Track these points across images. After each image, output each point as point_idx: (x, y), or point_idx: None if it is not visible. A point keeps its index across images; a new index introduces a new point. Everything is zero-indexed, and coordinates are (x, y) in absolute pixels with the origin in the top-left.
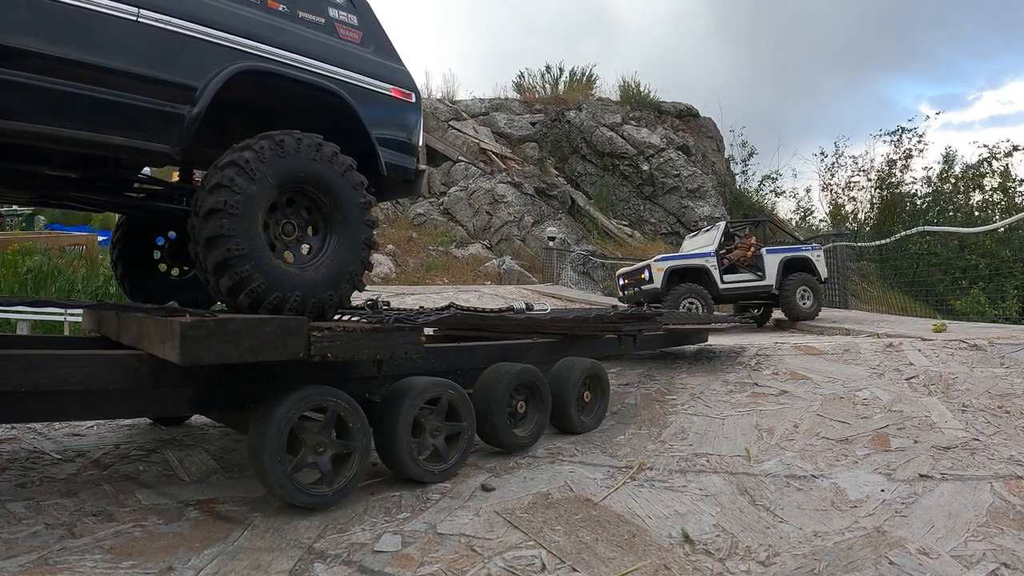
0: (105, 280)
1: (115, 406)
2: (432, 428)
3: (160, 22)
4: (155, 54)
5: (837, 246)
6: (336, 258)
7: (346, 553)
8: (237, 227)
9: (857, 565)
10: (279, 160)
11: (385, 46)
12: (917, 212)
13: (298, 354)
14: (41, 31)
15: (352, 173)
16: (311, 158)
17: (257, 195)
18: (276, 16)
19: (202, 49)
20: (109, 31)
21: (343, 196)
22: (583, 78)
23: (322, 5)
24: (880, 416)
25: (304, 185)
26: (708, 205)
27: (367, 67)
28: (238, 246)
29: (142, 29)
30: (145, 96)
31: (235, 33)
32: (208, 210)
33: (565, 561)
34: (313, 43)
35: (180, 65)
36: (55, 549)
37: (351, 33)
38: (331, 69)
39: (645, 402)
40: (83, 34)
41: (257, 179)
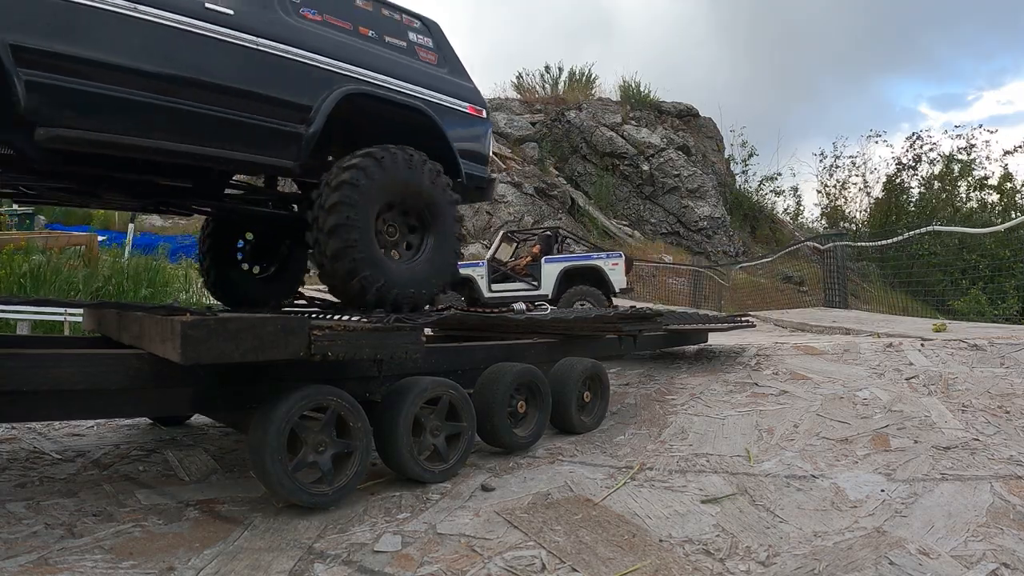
0: (105, 280)
1: (116, 406)
2: (433, 428)
3: (283, 51)
4: (281, 80)
5: (837, 246)
6: (431, 257)
7: (346, 553)
8: (356, 220)
9: (857, 565)
10: (392, 168)
11: (457, 66)
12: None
13: (299, 353)
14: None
15: (446, 183)
16: (417, 170)
17: (373, 196)
18: (368, 41)
19: (316, 74)
20: (245, 60)
21: (438, 204)
22: (583, 78)
23: (403, 30)
24: (880, 416)
25: (407, 192)
26: (708, 205)
27: (446, 87)
28: (355, 237)
29: (269, 58)
30: (274, 118)
31: (339, 59)
32: (333, 203)
33: (565, 561)
34: (400, 65)
35: (300, 89)
36: (55, 549)
37: (429, 55)
38: (417, 89)
39: (645, 402)
40: (223, 61)
41: (375, 181)
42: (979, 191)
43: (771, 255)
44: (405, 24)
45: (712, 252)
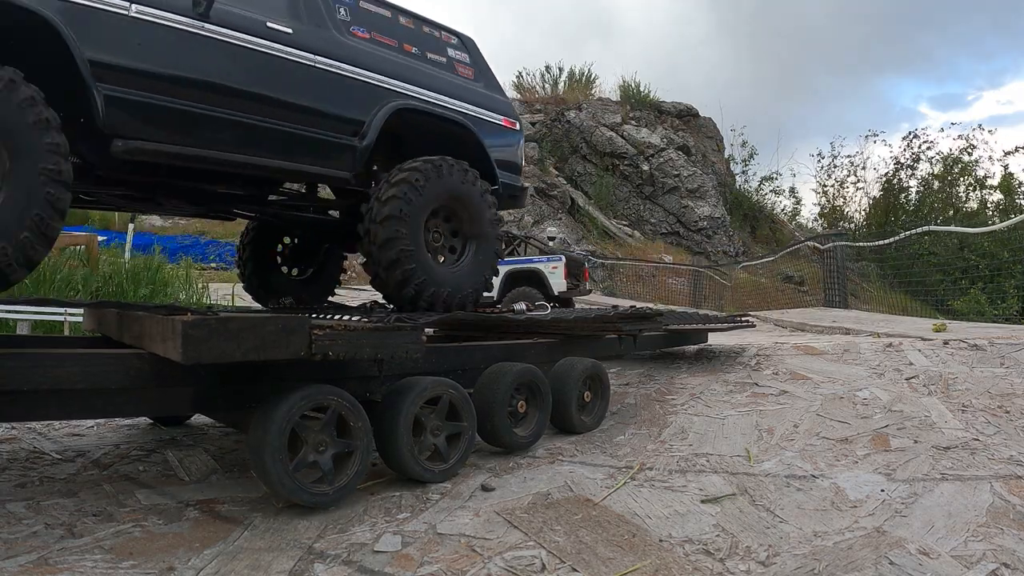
0: (105, 280)
1: (116, 405)
2: (433, 428)
3: (337, 68)
4: (337, 96)
5: (837, 246)
6: (474, 261)
7: (346, 553)
8: (407, 231)
9: (857, 565)
10: (438, 179)
11: (492, 80)
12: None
13: (299, 353)
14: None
15: (487, 192)
16: (460, 179)
17: (422, 206)
18: (412, 58)
19: (368, 90)
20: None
21: (480, 211)
22: (583, 78)
23: (442, 46)
24: (880, 416)
25: (452, 201)
26: (708, 205)
27: (483, 101)
28: (408, 247)
29: (326, 75)
30: (331, 132)
31: (388, 75)
32: (385, 216)
33: (565, 561)
34: (442, 81)
35: (354, 105)
36: (55, 549)
37: (467, 70)
38: (458, 103)
39: (645, 402)
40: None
41: (423, 193)
42: (979, 191)
43: (772, 255)
44: (444, 40)
45: (712, 252)
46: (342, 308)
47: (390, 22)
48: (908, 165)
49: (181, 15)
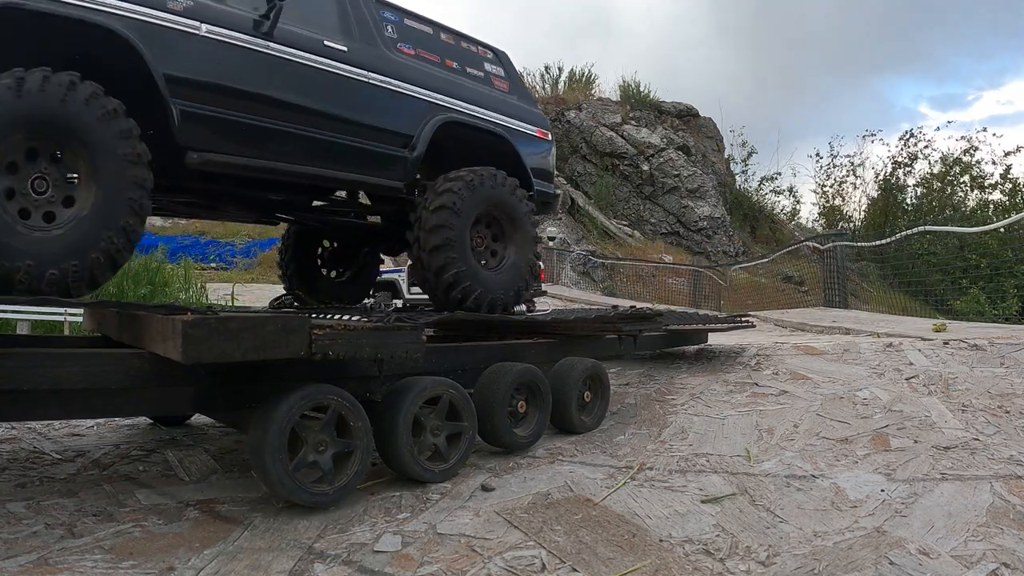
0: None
1: (116, 405)
2: (433, 427)
3: (389, 83)
4: (389, 110)
5: (837, 246)
6: (514, 264)
7: (346, 553)
8: (455, 239)
9: (857, 565)
10: (481, 188)
11: (525, 93)
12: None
13: (299, 352)
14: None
15: (527, 199)
16: (502, 188)
17: (467, 214)
18: (454, 73)
19: (418, 105)
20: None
21: (520, 217)
22: (583, 78)
23: (479, 61)
24: (880, 416)
25: (495, 208)
26: (708, 205)
27: (519, 113)
28: (455, 253)
29: (379, 90)
30: (385, 144)
31: (434, 90)
32: (433, 226)
33: (565, 561)
34: (482, 95)
35: (405, 118)
36: (55, 549)
37: (502, 84)
38: (497, 116)
39: (645, 402)
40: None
41: (467, 202)
42: (980, 191)
43: (769, 255)
44: (480, 55)
45: (712, 252)
46: (342, 308)
47: (432, 38)
48: (905, 164)
49: (247, 34)
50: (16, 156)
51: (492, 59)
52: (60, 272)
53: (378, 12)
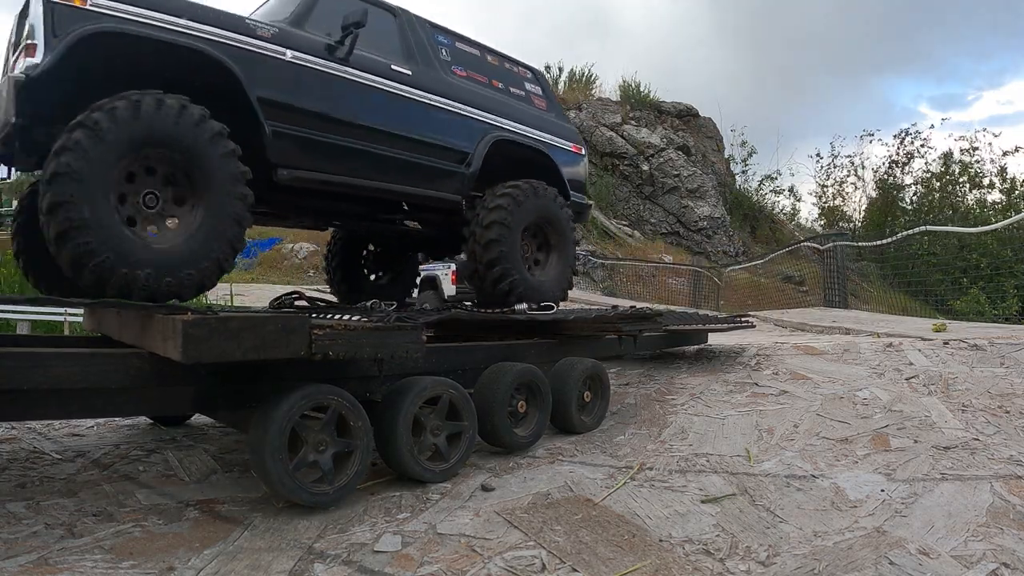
0: None
1: (116, 405)
2: (433, 427)
3: (447, 104)
4: (449, 129)
5: (837, 246)
6: (558, 269)
7: (346, 553)
8: (508, 249)
9: (857, 565)
10: (533, 199)
11: (560, 110)
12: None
13: (299, 352)
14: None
15: (564, 206)
16: (548, 200)
17: (519, 222)
18: (501, 93)
19: (473, 124)
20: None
21: (564, 226)
22: (583, 78)
23: (520, 81)
24: (880, 416)
25: (541, 218)
26: (708, 205)
27: (556, 130)
28: (509, 263)
29: (440, 112)
30: (445, 160)
31: (485, 110)
32: (489, 240)
33: (565, 561)
34: (526, 113)
35: (462, 137)
36: (55, 549)
37: (541, 102)
38: (539, 133)
39: (645, 402)
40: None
41: (520, 211)
42: (978, 190)
43: (765, 256)
44: (521, 75)
45: (712, 252)
46: (343, 308)
47: (480, 60)
48: (902, 163)
49: (326, 59)
50: (134, 172)
51: (531, 78)
52: (176, 280)
53: (433, 36)
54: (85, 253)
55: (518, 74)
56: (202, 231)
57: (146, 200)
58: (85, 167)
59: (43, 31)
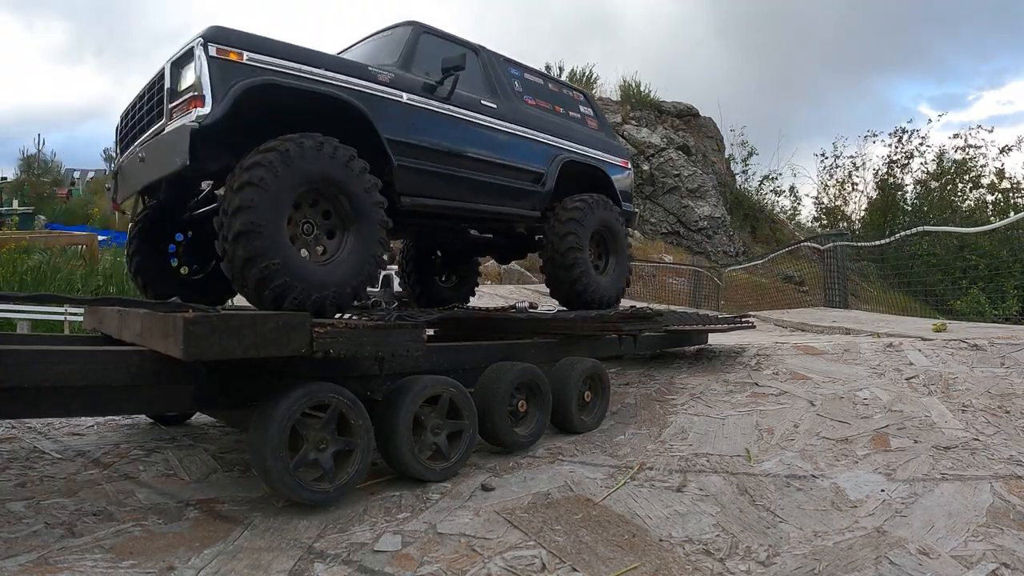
0: (105, 279)
1: (117, 403)
2: (433, 426)
3: (525, 132)
4: (528, 154)
5: (837, 246)
6: (618, 273)
7: (346, 553)
8: (583, 255)
9: (857, 565)
10: (599, 212)
11: (608, 128)
12: (912, 211)
13: (300, 350)
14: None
15: (620, 215)
16: (608, 211)
17: (588, 231)
18: (562, 118)
19: (546, 149)
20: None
21: (619, 234)
22: (583, 78)
23: (576, 104)
24: (880, 416)
25: (603, 227)
26: (708, 205)
27: (608, 147)
28: (584, 268)
29: (521, 139)
30: (526, 182)
31: (553, 134)
32: (567, 248)
33: (565, 561)
34: (583, 134)
35: (538, 160)
36: (55, 548)
37: (593, 123)
38: (595, 152)
39: (645, 402)
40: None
41: (587, 223)
42: (976, 190)
43: (766, 256)
44: (575, 99)
45: (712, 252)
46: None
47: (544, 89)
48: (902, 163)
49: (433, 99)
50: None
51: (583, 101)
52: (338, 295)
53: (507, 70)
54: (269, 275)
55: (573, 98)
56: (354, 253)
57: (305, 228)
58: (265, 200)
59: (209, 83)
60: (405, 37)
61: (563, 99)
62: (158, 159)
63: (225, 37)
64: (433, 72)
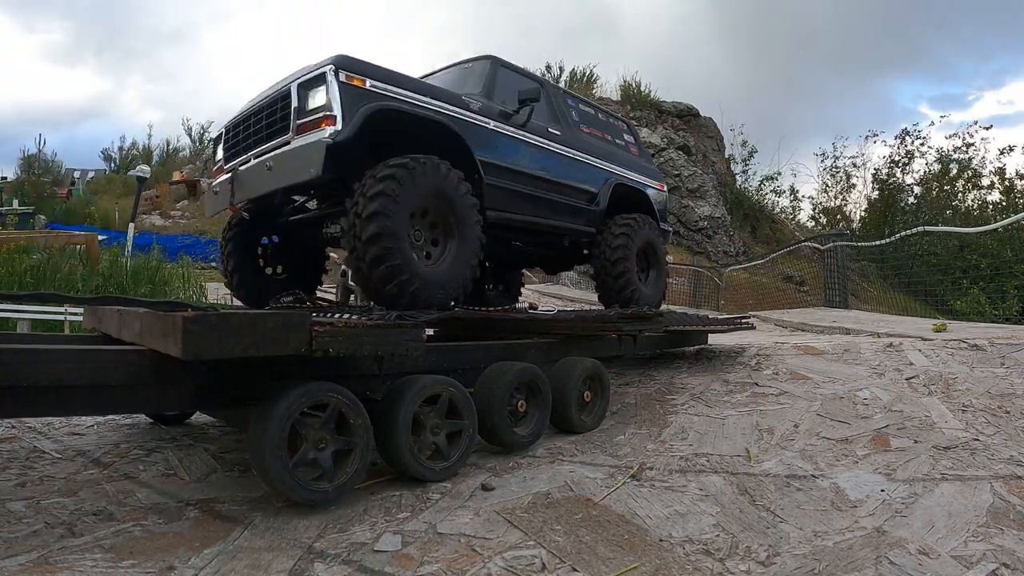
0: (105, 279)
1: (116, 402)
2: (433, 426)
3: (583, 158)
4: (586, 177)
5: (837, 246)
6: (658, 282)
7: (346, 553)
8: (631, 266)
9: (857, 565)
10: (644, 230)
11: (647, 155)
12: (912, 211)
13: (300, 349)
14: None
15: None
16: (651, 230)
17: (635, 246)
18: (610, 145)
19: (599, 172)
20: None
21: (659, 248)
22: (584, 78)
23: (620, 133)
24: (880, 416)
25: (647, 244)
26: (708, 205)
27: (647, 172)
28: (633, 278)
29: (580, 163)
30: (584, 201)
31: (604, 159)
32: (617, 258)
33: (565, 561)
34: (627, 160)
35: (594, 182)
36: (55, 548)
37: (634, 149)
38: (637, 176)
39: (645, 402)
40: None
41: (634, 240)
42: (976, 190)
43: (766, 256)
44: (619, 128)
45: (712, 252)
46: (342, 307)
47: (595, 118)
48: (903, 164)
49: (511, 125)
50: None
51: (626, 130)
52: (444, 292)
53: (566, 100)
54: (394, 272)
55: (618, 127)
56: (458, 258)
57: (415, 235)
58: (394, 208)
59: (339, 106)
60: (486, 70)
61: (610, 128)
62: (290, 168)
63: (351, 65)
64: (508, 101)
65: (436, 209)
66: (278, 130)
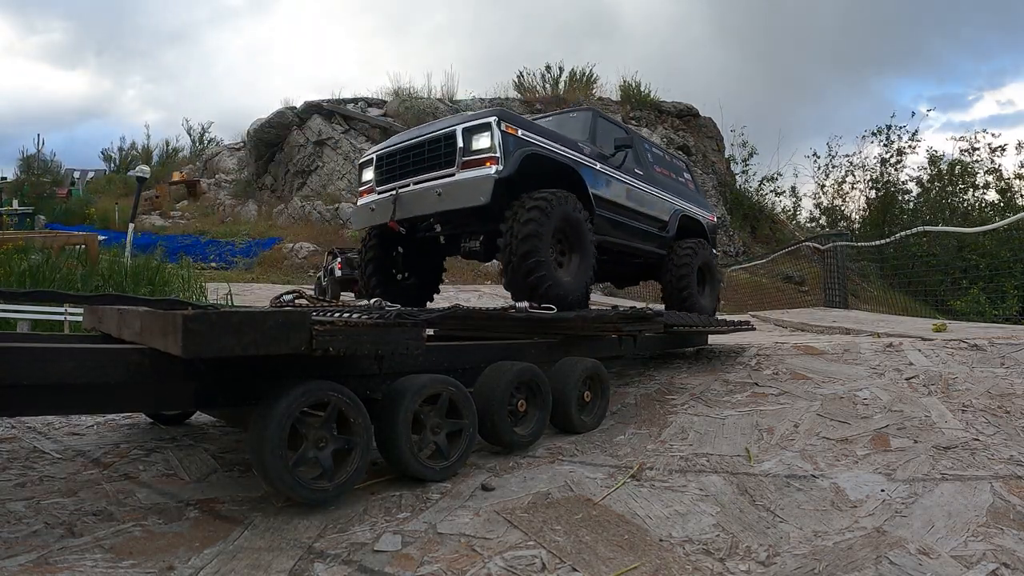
0: (104, 279)
1: (116, 401)
2: (433, 425)
3: (658, 194)
4: (660, 209)
5: (837, 246)
6: (712, 295)
7: (346, 553)
8: (693, 278)
9: (857, 565)
10: (702, 252)
11: (700, 189)
12: (911, 211)
13: (300, 348)
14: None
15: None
16: (708, 253)
17: (695, 265)
18: (675, 183)
19: (669, 205)
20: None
21: (714, 267)
22: (583, 78)
23: (681, 171)
24: (880, 416)
25: (704, 264)
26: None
27: (702, 205)
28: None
29: (656, 197)
30: (658, 229)
31: (672, 194)
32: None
33: (565, 561)
34: (687, 194)
35: (665, 214)
36: (55, 548)
37: (691, 185)
38: (696, 208)
39: (645, 402)
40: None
41: (695, 260)
42: (974, 190)
43: (766, 256)
44: (680, 167)
45: None
46: (342, 307)
47: (664, 159)
48: (893, 162)
49: (611, 166)
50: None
51: (685, 168)
52: (574, 297)
53: (643, 144)
54: (543, 280)
55: (679, 167)
56: (580, 270)
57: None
58: (542, 230)
59: (502, 148)
60: (588, 120)
61: (674, 167)
62: (460, 196)
63: (508, 117)
64: (604, 146)
65: (565, 231)
66: (442, 163)
